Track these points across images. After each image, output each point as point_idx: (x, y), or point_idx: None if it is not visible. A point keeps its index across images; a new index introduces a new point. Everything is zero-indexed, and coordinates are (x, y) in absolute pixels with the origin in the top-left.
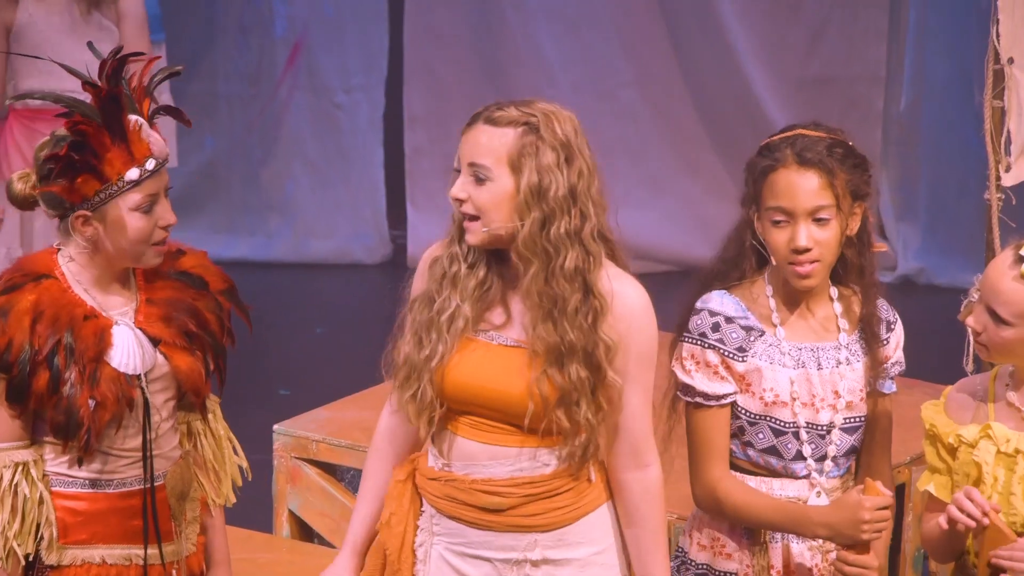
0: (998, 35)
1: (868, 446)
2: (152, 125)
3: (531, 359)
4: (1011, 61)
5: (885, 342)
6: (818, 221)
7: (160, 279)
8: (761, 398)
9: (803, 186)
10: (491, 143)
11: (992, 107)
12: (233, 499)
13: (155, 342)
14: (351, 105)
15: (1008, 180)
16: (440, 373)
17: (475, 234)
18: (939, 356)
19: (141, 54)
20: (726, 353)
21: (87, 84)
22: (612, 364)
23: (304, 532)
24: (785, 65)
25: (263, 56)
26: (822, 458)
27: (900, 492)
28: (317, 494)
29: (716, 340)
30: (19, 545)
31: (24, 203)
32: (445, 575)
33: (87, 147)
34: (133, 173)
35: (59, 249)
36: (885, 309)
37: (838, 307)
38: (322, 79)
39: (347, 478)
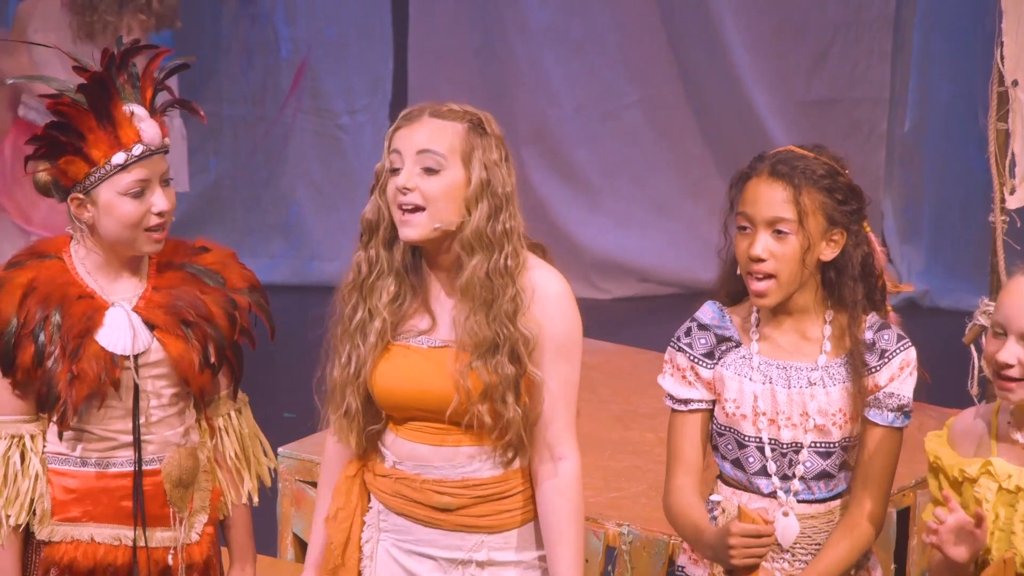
0: (1002, 57)
1: (854, 478)
2: (155, 115)
3: (456, 354)
4: (1015, 83)
5: (873, 370)
6: (777, 233)
7: (172, 270)
8: (724, 409)
9: (767, 195)
10: (443, 134)
11: (996, 129)
12: (256, 500)
13: (150, 327)
14: (355, 127)
15: (1012, 203)
16: (369, 383)
17: (417, 228)
18: (943, 379)
19: (153, 46)
20: (693, 358)
21: (77, 67)
22: (531, 357)
23: None
24: (789, 87)
25: (267, 78)
26: (787, 477)
27: (904, 517)
28: None
29: (686, 344)
30: (8, 516)
31: (45, 190)
32: (392, 571)
33: (71, 128)
34: (119, 157)
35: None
36: (886, 339)
37: (828, 330)
38: (326, 101)
39: None
